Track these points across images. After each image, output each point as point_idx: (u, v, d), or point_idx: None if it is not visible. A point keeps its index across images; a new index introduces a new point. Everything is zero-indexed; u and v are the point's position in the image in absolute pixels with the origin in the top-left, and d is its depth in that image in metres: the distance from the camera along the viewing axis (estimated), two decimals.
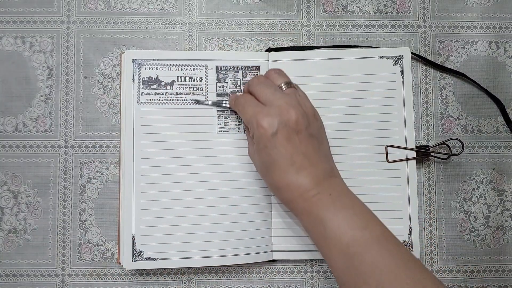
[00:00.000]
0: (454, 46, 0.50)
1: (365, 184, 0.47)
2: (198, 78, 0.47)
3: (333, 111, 0.48)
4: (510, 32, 0.50)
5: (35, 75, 0.49)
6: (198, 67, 0.47)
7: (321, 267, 0.48)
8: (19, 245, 0.47)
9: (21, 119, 0.48)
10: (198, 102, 0.47)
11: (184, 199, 0.46)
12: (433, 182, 0.49)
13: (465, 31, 0.50)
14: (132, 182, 0.46)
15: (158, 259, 0.45)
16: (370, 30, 0.50)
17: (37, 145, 0.48)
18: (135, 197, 0.46)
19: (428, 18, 0.50)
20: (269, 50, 0.49)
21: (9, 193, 0.48)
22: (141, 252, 0.45)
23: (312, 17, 0.50)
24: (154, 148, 0.46)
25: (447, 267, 0.48)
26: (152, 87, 0.47)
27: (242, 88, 0.48)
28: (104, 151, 0.48)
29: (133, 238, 0.45)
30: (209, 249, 0.46)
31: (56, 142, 0.48)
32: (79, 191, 0.48)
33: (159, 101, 0.47)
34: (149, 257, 0.45)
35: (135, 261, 0.45)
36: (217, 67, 0.48)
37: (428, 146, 0.48)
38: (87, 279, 0.47)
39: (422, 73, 0.50)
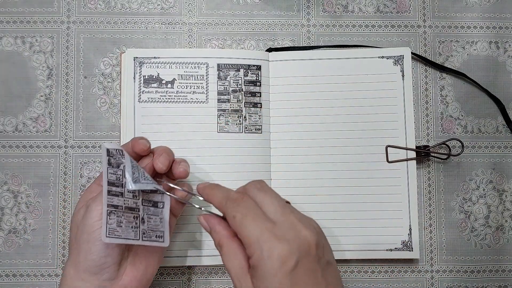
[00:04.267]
0: (454, 46, 0.50)
1: (365, 184, 0.47)
2: (199, 76, 0.47)
3: (333, 111, 0.48)
4: (510, 32, 0.50)
5: (35, 75, 0.49)
6: (199, 65, 0.47)
7: None
8: (19, 245, 0.47)
9: (21, 119, 0.48)
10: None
11: None
12: (433, 182, 0.49)
13: (465, 31, 0.50)
14: None
15: None
16: (370, 30, 0.50)
17: (37, 145, 0.48)
18: None
19: (428, 18, 0.50)
20: (269, 50, 0.49)
21: (9, 193, 0.48)
22: None
23: (312, 17, 0.50)
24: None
25: (447, 267, 0.48)
26: (153, 85, 0.47)
27: (243, 87, 0.47)
28: None
29: None
30: (209, 248, 0.46)
31: (56, 142, 0.48)
32: (79, 191, 0.48)
33: (160, 100, 0.47)
34: None
35: None
36: (218, 65, 0.48)
37: (428, 146, 0.49)
38: None
39: (422, 73, 0.50)
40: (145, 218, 0.38)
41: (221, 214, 0.36)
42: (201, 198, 0.38)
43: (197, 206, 0.39)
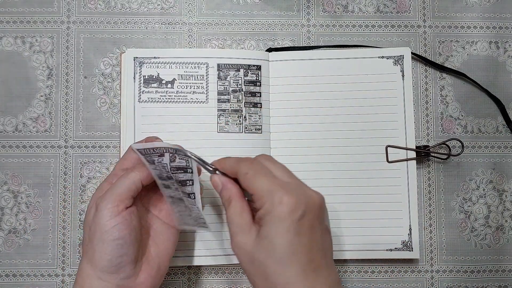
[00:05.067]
0: (454, 46, 0.50)
1: (365, 184, 0.47)
2: (199, 76, 0.47)
3: (333, 111, 0.48)
4: (510, 32, 0.50)
5: (35, 75, 0.49)
6: (199, 65, 0.47)
7: None
8: (19, 245, 0.47)
9: (21, 119, 0.48)
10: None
11: None
12: (433, 182, 0.49)
13: (465, 31, 0.50)
14: None
15: None
16: (370, 30, 0.50)
17: (37, 145, 0.48)
18: None
19: (428, 18, 0.50)
20: (269, 50, 0.49)
21: (9, 193, 0.48)
22: None
23: (312, 17, 0.50)
24: None
25: (447, 267, 0.48)
26: (153, 85, 0.47)
27: (243, 87, 0.48)
28: (104, 151, 0.48)
29: None
30: (209, 248, 0.46)
31: (56, 142, 0.48)
32: (79, 191, 0.48)
33: (160, 100, 0.47)
34: None
35: None
36: (218, 65, 0.48)
37: (428, 146, 0.49)
38: None
39: (422, 73, 0.50)
40: (189, 207, 0.40)
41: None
42: (217, 172, 0.38)
43: (211, 167, 0.38)
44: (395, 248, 0.47)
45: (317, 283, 0.33)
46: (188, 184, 0.40)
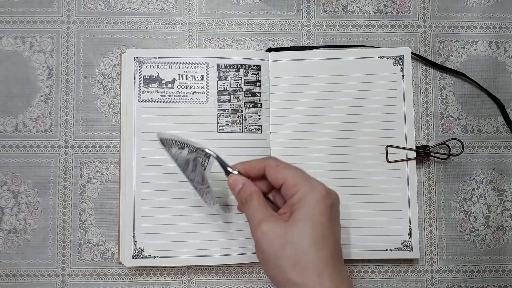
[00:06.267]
0: (454, 46, 0.50)
1: (365, 184, 0.47)
2: (199, 76, 0.47)
3: (333, 111, 0.48)
4: (510, 32, 0.50)
5: (35, 75, 0.49)
6: (199, 65, 0.47)
7: None
8: (19, 245, 0.47)
9: (21, 119, 0.48)
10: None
11: (184, 197, 0.46)
12: (433, 182, 0.49)
13: (465, 31, 0.50)
14: (132, 180, 0.46)
15: (159, 257, 0.45)
16: (370, 30, 0.50)
17: (37, 145, 0.48)
18: (135, 194, 0.46)
19: (428, 18, 0.50)
20: (269, 50, 0.49)
21: (9, 193, 0.48)
22: (141, 250, 0.45)
23: (312, 17, 0.50)
24: (155, 147, 0.46)
25: (447, 267, 0.48)
26: (153, 85, 0.47)
27: (243, 87, 0.48)
28: (104, 151, 0.48)
29: (134, 236, 0.45)
30: (209, 247, 0.46)
31: (56, 142, 0.48)
32: (79, 191, 0.48)
33: (160, 100, 0.47)
34: (150, 255, 0.45)
35: (136, 258, 0.45)
36: (218, 65, 0.48)
37: (428, 146, 0.49)
38: (87, 279, 0.47)
39: (422, 73, 0.50)
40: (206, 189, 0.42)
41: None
42: (235, 172, 0.40)
43: (233, 169, 0.39)
44: (395, 248, 0.47)
45: (342, 270, 0.35)
46: (198, 181, 0.41)
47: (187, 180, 0.41)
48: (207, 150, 0.40)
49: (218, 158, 0.40)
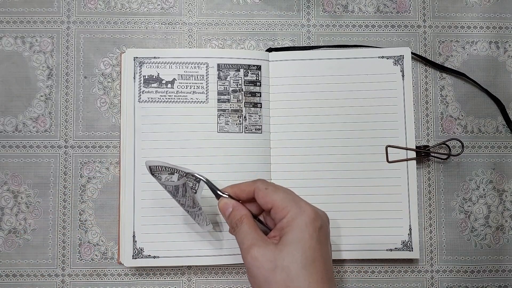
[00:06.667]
0: (454, 46, 0.50)
1: (365, 184, 0.47)
2: (199, 76, 0.47)
3: (333, 111, 0.48)
4: (510, 32, 0.50)
5: (35, 75, 0.49)
6: (199, 65, 0.47)
7: None
8: (19, 245, 0.47)
9: (21, 119, 0.48)
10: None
11: None
12: (433, 182, 0.49)
13: (465, 31, 0.50)
14: (133, 180, 0.46)
15: (159, 257, 0.45)
16: (370, 30, 0.50)
17: (37, 145, 0.48)
18: (135, 194, 0.46)
19: (428, 18, 0.50)
20: (269, 50, 0.49)
21: (9, 193, 0.48)
22: (141, 249, 0.45)
23: (312, 17, 0.50)
24: (155, 147, 0.46)
25: (447, 267, 0.48)
26: (153, 85, 0.47)
27: (243, 87, 0.48)
28: (104, 151, 0.48)
29: (134, 236, 0.45)
30: (209, 247, 0.46)
31: (56, 142, 0.48)
32: (79, 191, 0.48)
33: (160, 100, 0.47)
34: (150, 255, 0.45)
35: (136, 258, 0.45)
36: (218, 65, 0.48)
37: (428, 146, 0.49)
38: (87, 279, 0.47)
39: (422, 73, 0.50)
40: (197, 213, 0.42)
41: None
42: (225, 196, 0.40)
43: (224, 193, 0.40)
44: (395, 248, 0.47)
45: None
46: (189, 205, 0.41)
47: (178, 204, 0.42)
48: (197, 175, 0.40)
49: (208, 182, 0.40)
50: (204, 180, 0.40)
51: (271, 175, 0.47)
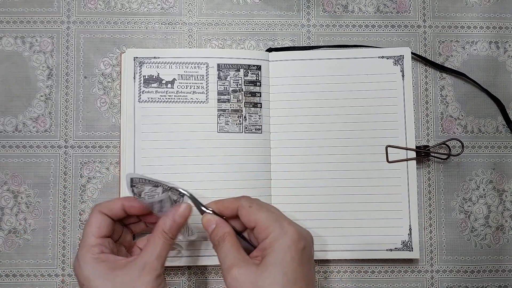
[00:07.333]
0: (454, 46, 0.50)
1: (365, 184, 0.47)
2: (199, 76, 0.47)
3: (333, 111, 0.48)
4: (510, 32, 0.50)
5: (35, 75, 0.49)
6: (199, 65, 0.47)
7: (321, 267, 0.48)
8: (19, 245, 0.47)
9: (21, 119, 0.48)
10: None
11: None
12: (433, 182, 0.49)
13: (465, 31, 0.50)
14: None
15: None
16: (370, 30, 0.50)
17: (37, 145, 0.48)
18: None
19: (428, 18, 0.50)
20: (269, 50, 0.49)
21: (9, 193, 0.48)
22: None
23: (312, 17, 0.50)
24: (155, 147, 0.46)
25: (447, 267, 0.48)
26: (153, 85, 0.47)
27: (243, 87, 0.48)
28: (104, 151, 0.48)
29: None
30: (210, 248, 0.46)
31: (56, 142, 0.48)
32: (79, 191, 0.48)
33: (160, 100, 0.47)
34: None
35: None
36: (218, 65, 0.48)
37: (428, 146, 0.49)
38: None
39: (422, 73, 0.50)
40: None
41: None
42: (209, 212, 0.39)
43: (208, 209, 0.39)
44: (395, 248, 0.47)
45: None
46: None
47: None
48: (180, 190, 0.39)
49: (191, 197, 0.39)
50: (188, 195, 0.39)
51: (271, 175, 0.47)
